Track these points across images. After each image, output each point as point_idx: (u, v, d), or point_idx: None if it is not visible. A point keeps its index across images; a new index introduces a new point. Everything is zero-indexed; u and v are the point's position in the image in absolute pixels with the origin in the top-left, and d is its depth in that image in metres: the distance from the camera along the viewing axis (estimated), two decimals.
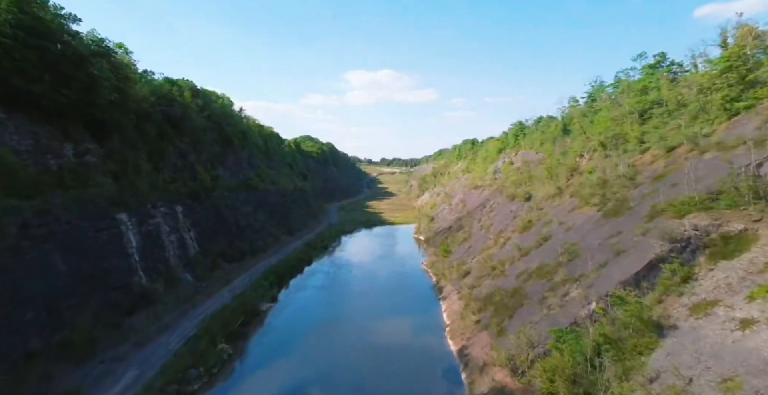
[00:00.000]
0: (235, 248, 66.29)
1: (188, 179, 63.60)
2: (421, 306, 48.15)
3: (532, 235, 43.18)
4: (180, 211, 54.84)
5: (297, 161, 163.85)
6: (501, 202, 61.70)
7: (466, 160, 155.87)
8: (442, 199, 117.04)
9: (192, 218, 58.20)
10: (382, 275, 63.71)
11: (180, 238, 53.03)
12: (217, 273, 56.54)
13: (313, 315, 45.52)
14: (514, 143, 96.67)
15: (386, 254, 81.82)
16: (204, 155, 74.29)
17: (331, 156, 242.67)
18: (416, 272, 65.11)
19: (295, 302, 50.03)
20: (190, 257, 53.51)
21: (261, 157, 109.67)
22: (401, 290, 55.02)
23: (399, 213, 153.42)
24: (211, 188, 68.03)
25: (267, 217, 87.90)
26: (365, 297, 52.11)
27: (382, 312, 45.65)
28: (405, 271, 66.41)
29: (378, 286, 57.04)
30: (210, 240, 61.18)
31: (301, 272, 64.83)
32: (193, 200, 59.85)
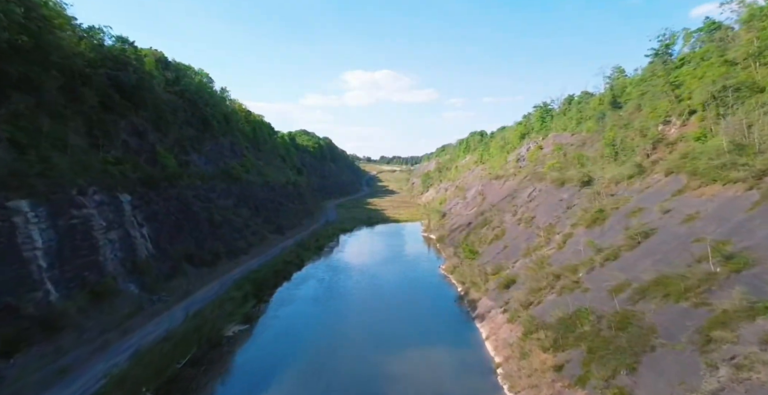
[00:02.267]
0: (207, 250, 52.96)
1: (144, 162, 50.32)
2: (449, 328, 35.03)
3: (613, 229, 30.08)
4: (127, 201, 41.52)
5: (291, 154, 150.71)
6: (544, 189, 48.50)
7: (476, 152, 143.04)
8: (454, 193, 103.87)
9: (146, 210, 44.90)
10: (391, 282, 50.50)
11: (125, 236, 39.72)
12: (177, 282, 43.21)
13: (298, 344, 32.20)
14: (540, 127, 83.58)
15: (393, 256, 68.61)
16: (171, 137, 60.98)
17: (329, 152, 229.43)
18: (433, 279, 51.94)
19: (275, 323, 36.68)
20: (138, 261, 40.17)
21: (248, 146, 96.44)
22: (418, 304, 41.88)
23: (403, 210, 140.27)
24: (176, 176, 54.72)
25: (252, 213, 74.55)
26: (370, 314, 38.93)
27: (395, 339, 32.44)
28: (419, 277, 53.21)
29: (386, 298, 43.84)
30: (172, 239, 47.88)
31: (288, 279, 51.51)
32: (148, 188, 46.52)
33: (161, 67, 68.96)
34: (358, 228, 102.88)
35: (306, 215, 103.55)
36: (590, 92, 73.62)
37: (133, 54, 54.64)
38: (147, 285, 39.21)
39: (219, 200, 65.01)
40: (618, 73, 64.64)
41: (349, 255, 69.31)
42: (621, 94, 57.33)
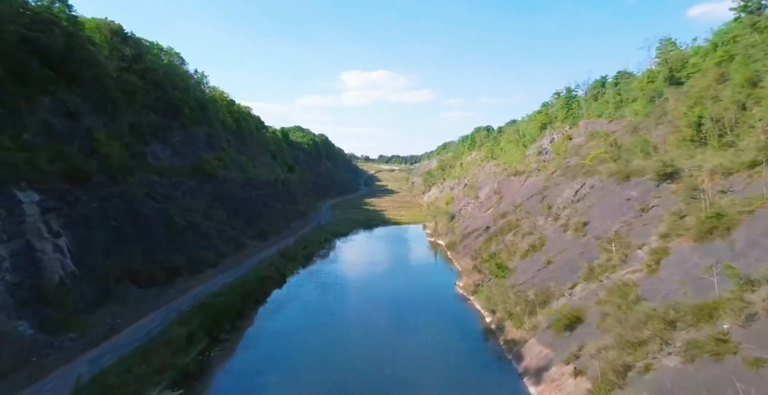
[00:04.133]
0: (160, 264, 41.43)
1: (78, 151, 38.77)
2: (479, 382, 23.84)
3: (759, 246, 18.79)
4: (32, 201, 29.95)
5: (283, 150, 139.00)
6: (598, 185, 37.05)
7: (482, 148, 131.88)
8: (463, 192, 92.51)
9: (69, 214, 33.36)
10: (396, 305, 39.14)
11: (24, 251, 28.19)
12: (105, 313, 31.61)
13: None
14: (565, 115, 72.33)
15: (396, 267, 57.18)
16: (123, 122, 49.41)
17: (325, 149, 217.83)
18: (449, 301, 40.64)
19: (226, 382, 25.09)
20: (45, 285, 28.63)
21: (230, 139, 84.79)
22: (433, 341, 30.58)
23: (404, 211, 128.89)
24: (122, 169, 43.22)
25: (229, 215, 63.00)
26: (369, 357, 27.52)
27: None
28: (430, 298, 41.87)
29: (391, 332, 32.43)
30: (108, 252, 36.32)
31: (263, 301, 39.94)
32: (75, 184, 34.97)
33: (117, 41, 57.26)
34: (354, 231, 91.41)
35: (296, 217, 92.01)
36: (629, 72, 62.39)
37: (62, 14, 42.87)
38: (52, 322, 27.61)
39: (185, 200, 53.49)
40: (668, 45, 53.39)
41: (344, 267, 57.78)
42: (680, 68, 46.16)
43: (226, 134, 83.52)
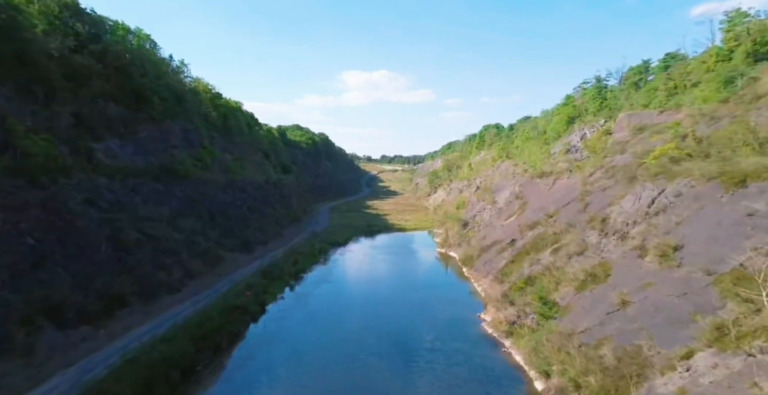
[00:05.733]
0: (95, 293, 31.63)
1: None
2: None
3: None
4: None
5: (279, 149, 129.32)
6: (690, 194, 26.84)
7: (492, 147, 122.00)
8: (477, 196, 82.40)
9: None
10: (405, 352, 29.22)
11: None
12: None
13: None
14: (598, 107, 62.29)
15: (403, 289, 47.26)
16: (64, 111, 39.70)
17: (325, 149, 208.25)
18: (473, 345, 30.74)
19: None
20: None
21: (214, 136, 75.11)
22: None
23: (409, 215, 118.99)
24: (53, 170, 33.47)
25: (204, 223, 53.19)
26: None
27: None
28: (449, 338, 32.02)
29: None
30: (13, 281, 26.55)
31: (226, 348, 29.91)
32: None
33: (66, 16, 47.58)
34: (354, 239, 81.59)
35: (289, 223, 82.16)
36: (681, 54, 52.26)
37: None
38: None
39: (145, 208, 43.67)
40: (737, 16, 43.34)
41: (339, 289, 47.79)
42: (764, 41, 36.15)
43: (210, 131, 73.87)
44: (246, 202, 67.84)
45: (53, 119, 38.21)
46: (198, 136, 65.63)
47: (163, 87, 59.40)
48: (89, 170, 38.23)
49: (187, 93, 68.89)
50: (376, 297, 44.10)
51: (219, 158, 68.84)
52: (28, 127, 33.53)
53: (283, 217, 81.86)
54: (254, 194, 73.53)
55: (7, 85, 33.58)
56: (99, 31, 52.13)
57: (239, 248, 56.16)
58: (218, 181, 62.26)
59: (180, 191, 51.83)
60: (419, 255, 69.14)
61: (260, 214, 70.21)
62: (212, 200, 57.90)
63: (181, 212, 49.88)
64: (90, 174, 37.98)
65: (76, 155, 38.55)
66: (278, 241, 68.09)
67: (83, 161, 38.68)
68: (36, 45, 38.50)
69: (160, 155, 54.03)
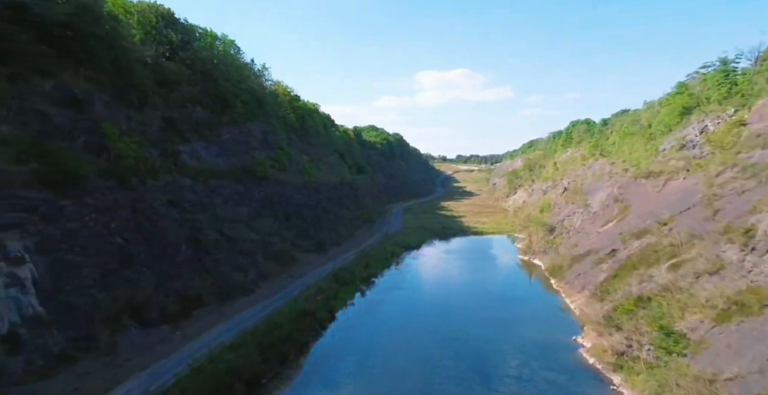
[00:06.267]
0: (176, 294, 32.38)
1: (83, 148, 31.07)
2: None
3: None
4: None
5: (354, 150, 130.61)
6: None
7: (581, 144, 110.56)
8: (565, 197, 74.34)
9: (43, 232, 25.04)
10: (487, 384, 25.34)
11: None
12: (70, 375, 22.43)
13: None
14: (724, 95, 51.85)
15: (481, 300, 43.01)
16: (154, 115, 42.00)
17: (399, 149, 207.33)
18: (573, 379, 25.74)
19: None
20: None
21: (291, 138, 76.91)
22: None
23: (486, 217, 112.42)
24: (142, 172, 35.09)
25: (280, 224, 53.79)
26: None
27: None
28: (542, 366, 27.38)
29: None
30: (104, 279, 27.74)
31: (294, 360, 28.39)
32: (58, 191, 26.71)
33: (161, 26, 50.78)
34: (428, 242, 78.25)
35: (362, 224, 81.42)
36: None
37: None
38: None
39: (225, 208, 44.83)
40: None
41: (411, 298, 44.81)
42: None
43: (288, 132, 75.75)
44: (320, 203, 68.08)
45: (145, 122, 40.51)
46: (276, 138, 67.28)
47: (245, 91, 61.53)
48: (174, 172, 39.86)
49: (267, 96, 71.09)
50: (452, 309, 40.45)
51: (295, 159, 70.03)
52: (122, 130, 35.53)
53: (357, 218, 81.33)
54: (329, 194, 73.73)
55: (105, 91, 35.83)
56: (189, 38, 55.14)
57: (313, 249, 56.02)
58: (294, 182, 63.04)
59: (258, 192, 52.90)
60: (499, 262, 63.77)
61: (334, 215, 70.10)
62: (288, 200, 58.60)
63: (259, 213, 50.79)
64: (175, 176, 39.57)
65: (164, 157, 40.52)
66: (351, 242, 67.31)
67: (170, 162, 40.48)
68: (132, 53, 41.08)
69: (242, 156, 55.82)
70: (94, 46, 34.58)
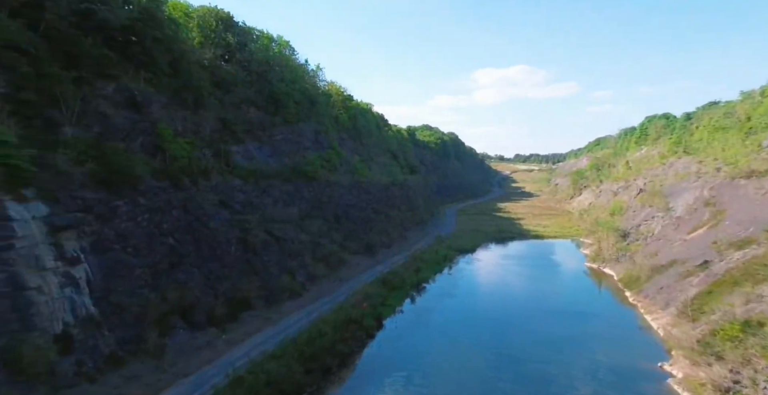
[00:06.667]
0: (224, 296, 32.17)
1: (140, 149, 31.83)
2: None
3: None
4: (41, 216, 22.22)
5: (407, 150, 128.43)
6: None
7: (661, 140, 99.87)
8: (641, 200, 66.75)
9: (98, 232, 25.50)
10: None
11: (11, 289, 20.21)
12: (118, 377, 22.35)
13: None
14: None
15: (543, 316, 38.81)
16: (208, 116, 42.69)
17: (454, 148, 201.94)
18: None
19: None
20: (31, 342, 20.15)
21: (343, 137, 76.45)
22: None
23: (547, 220, 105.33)
24: (194, 172, 35.47)
25: (330, 225, 53.01)
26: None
27: None
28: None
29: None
30: (155, 280, 27.96)
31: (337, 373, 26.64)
32: (113, 192, 27.19)
33: (220, 29, 51.92)
34: (483, 246, 74.22)
35: (413, 226, 79.07)
36: None
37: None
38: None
39: (275, 209, 44.64)
40: None
41: (464, 308, 41.62)
42: None
43: (339, 132, 75.34)
44: (370, 203, 66.72)
45: (200, 123, 41.24)
46: (327, 138, 66.89)
47: (298, 91, 61.59)
48: (226, 173, 40.10)
49: (320, 96, 71.05)
50: (511, 322, 36.89)
51: (346, 159, 69.25)
52: (176, 131, 36.18)
53: (408, 219, 79.10)
54: (379, 195, 72.22)
55: (163, 93, 36.68)
56: (246, 40, 56.09)
57: (362, 252, 54.65)
58: (344, 182, 62.13)
59: (308, 193, 52.47)
60: (563, 270, 58.46)
61: (384, 216, 68.43)
62: (338, 201, 57.76)
63: (308, 214, 50.28)
64: (226, 176, 39.79)
65: (217, 157, 40.98)
66: (401, 244, 65.22)
67: (222, 163, 40.84)
68: (191, 56, 42.08)
69: (293, 156, 55.81)
70: (154, 49, 35.50)
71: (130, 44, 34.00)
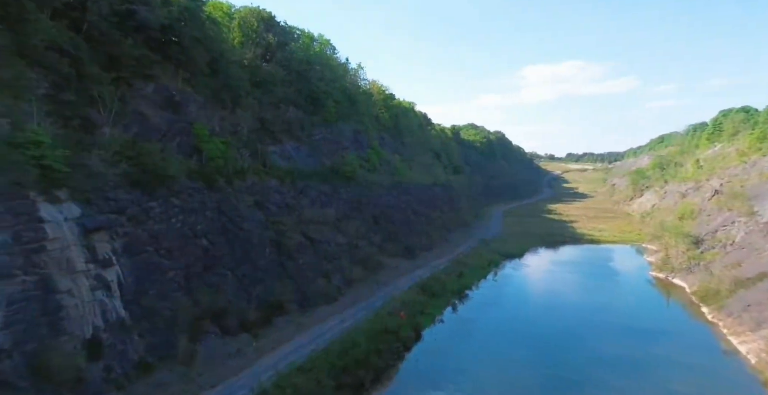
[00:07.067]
0: (257, 300, 31.19)
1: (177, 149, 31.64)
2: None
3: None
4: (73, 218, 21.99)
5: (451, 149, 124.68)
6: None
7: (739, 137, 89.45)
8: (718, 203, 59.17)
9: (130, 233, 25.15)
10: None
11: (41, 292, 19.90)
12: (146, 386, 21.68)
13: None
14: None
15: (603, 333, 34.54)
16: (246, 116, 42.30)
17: (500, 148, 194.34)
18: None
19: None
20: (59, 348, 19.72)
21: (384, 137, 74.70)
22: None
23: (603, 223, 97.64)
24: (230, 173, 34.91)
25: (368, 226, 51.30)
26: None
27: None
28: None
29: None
30: (188, 283, 27.39)
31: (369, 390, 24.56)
32: (146, 192, 26.87)
33: (262, 28, 51.70)
34: (532, 250, 69.49)
35: (456, 228, 75.69)
36: None
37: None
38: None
39: (311, 210, 43.47)
40: None
41: (511, 320, 38.08)
42: None
43: (380, 131, 73.63)
44: (411, 204, 64.31)
45: (238, 123, 40.90)
46: (367, 137, 65.35)
47: (337, 90, 60.52)
48: (262, 173, 39.38)
49: (360, 95, 69.72)
50: (564, 337, 33.08)
51: (386, 159, 67.37)
52: (214, 131, 35.85)
53: (450, 221, 75.88)
54: (420, 196, 69.62)
55: (201, 93, 36.51)
56: (287, 39, 55.70)
57: (401, 254, 52.44)
58: (383, 182, 60.17)
59: (346, 193, 51.03)
60: (623, 279, 52.94)
61: (425, 217, 65.79)
62: (377, 202, 55.90)
63: (346, 215, 48.81)
64: (262, 176, 39.05)
65: (254, 157, 40.44)
66: (443, 247, 62.24)
67: (258, 163, 40.22)
68: (230, 55, 41.90)
69: (332, 156, 54.70)
70: (193, 49, 35.31)
71: (169, 44, 33.98)
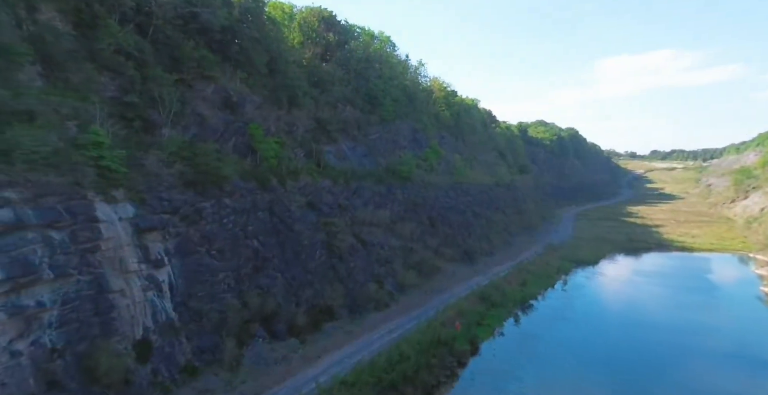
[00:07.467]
0: (307, 304, 30.46)
1: (233, 149, 32.02)
2: None
3: None
4: (127, 217, 22.59)
5: (517, 148, 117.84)
6: None
7: None
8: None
9: (182, 234, 25.47)
10: None
11: (95, 292, 20.45)
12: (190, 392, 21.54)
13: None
14: None
15: (703, 360, 29.14)
16: (303, 115, 42.14)
17: (573, 145, 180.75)
18: None
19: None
20: (107, 349, 19.96)
21: (444, 135, 71.84)
22: None
23: (697, 229, 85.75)
24: (283, 173, 34.71)
25: (424, 229, 49.06)
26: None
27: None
28: None
29: None
30: (237, 284, 27.31)
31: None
32: (200, 192, 27.17)
33: (322, 28, 51.72)
34: (608, 257, 62.57)
35: (521, 231, 70.54)
36: None
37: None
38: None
39: (365, 211, 42.26)
40: None
41: (583, 337, 33.68)
42: None
43: (440, 130, 70.85)
44: (470, 206, 60.83)
45: (294, 123, 40.84)
46: (426, 136, 63.03)
47: (396, 88, 58.93)
48: (315, 173, 38.84)
49: (420, 93, 67.59)
50: (652, 364, 28.24)
51: (446, 159, 64.48)
52: (269, 131, 35.95)
53: (514, 224, 70.90)
54: (481, 197, 65.77)
55: (259, 93, 36.77)
56: (346, 38, 55.30)
57: (459, 259, 49.55)
58: (441, 183, 57.42)
59: (401, 194, 49.24)
60: (725, 295, 45.31)
61: (486, 220, 61.87)
62: (434, 203, 53.41)
63: (401, 217, 47.04)
64: (315, 177, 38.50)
65: (309, 157, 40.11)
66: (506, 252, 58.00)
67: (313, 163, 39.78)
68: (289, 55, 42.06)
69: (388, 156, 53.30)
70: (251, 49, 35.74)
71: (229, 45, 34.57)
